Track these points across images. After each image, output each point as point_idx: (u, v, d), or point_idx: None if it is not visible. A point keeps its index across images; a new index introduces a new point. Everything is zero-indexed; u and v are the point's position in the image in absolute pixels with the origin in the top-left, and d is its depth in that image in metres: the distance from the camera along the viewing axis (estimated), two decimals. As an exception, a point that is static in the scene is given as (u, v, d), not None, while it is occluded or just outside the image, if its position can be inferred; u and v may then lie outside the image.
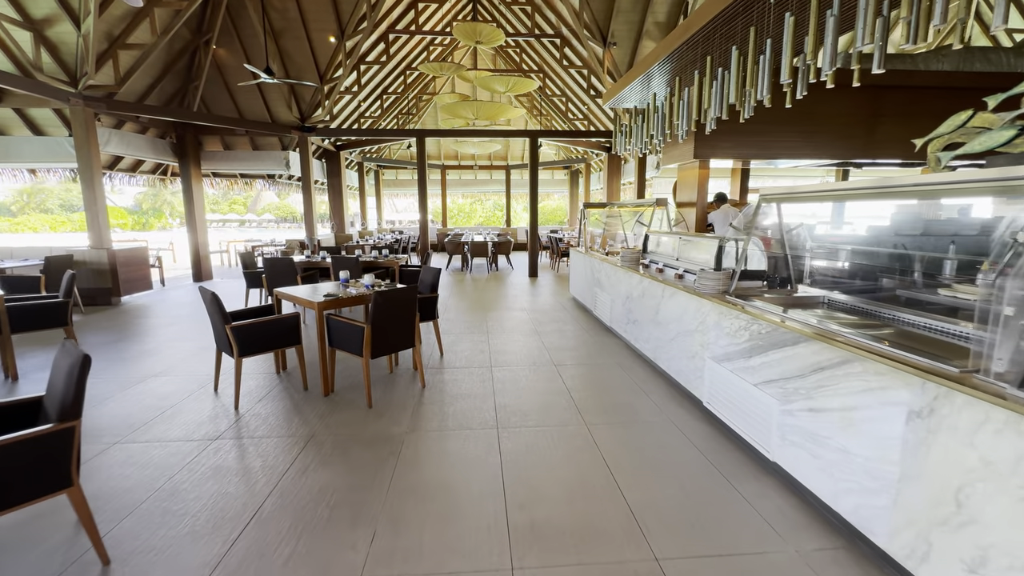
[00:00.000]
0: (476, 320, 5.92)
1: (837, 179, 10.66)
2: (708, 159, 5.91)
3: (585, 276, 6.33)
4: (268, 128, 8.71)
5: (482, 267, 11.39)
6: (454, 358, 4.39)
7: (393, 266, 6.23)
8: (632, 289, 4.47)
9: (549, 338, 5.07)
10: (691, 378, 3.27)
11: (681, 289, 3.39)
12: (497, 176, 17.34)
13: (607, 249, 6.48)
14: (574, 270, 7.03)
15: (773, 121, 5.77)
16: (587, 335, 5.18)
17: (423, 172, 9.38)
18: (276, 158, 9.54)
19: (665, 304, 3.70)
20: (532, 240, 9.82)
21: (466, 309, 6.59)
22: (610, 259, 5.36)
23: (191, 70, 8.06)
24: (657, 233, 4.58)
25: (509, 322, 5.82)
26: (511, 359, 4.36)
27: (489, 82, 7.88)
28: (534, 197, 9.63)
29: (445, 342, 4.91)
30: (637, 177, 9.95)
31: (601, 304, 5.56)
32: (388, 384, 3.72)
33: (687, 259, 3.90)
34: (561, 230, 15.76)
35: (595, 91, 9.73)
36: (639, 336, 4.31)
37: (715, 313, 2.96)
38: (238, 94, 8.73)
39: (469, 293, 7.88)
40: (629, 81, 5.63)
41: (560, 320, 5.90)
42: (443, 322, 5.82)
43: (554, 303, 7.01)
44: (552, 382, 3.78)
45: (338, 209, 11.63)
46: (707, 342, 3.04)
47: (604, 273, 5.44)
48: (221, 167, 9.71)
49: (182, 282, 9.30)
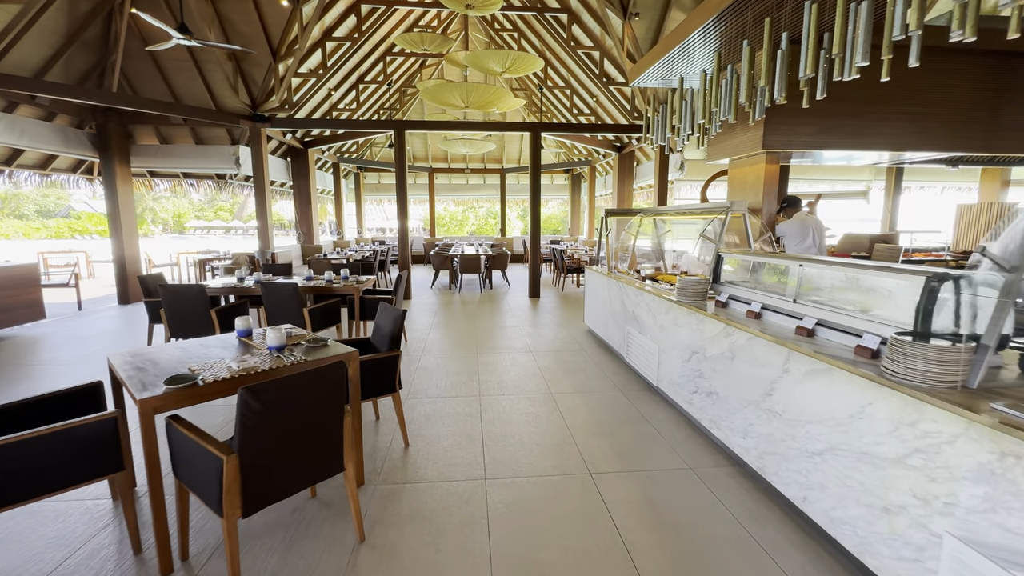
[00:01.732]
0: (463, 368, 4.29)
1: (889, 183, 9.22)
2: (779, 151, 4.37)
3: (609, 305, 4.73)
4: (210, 116, 7.07)
5: (474, 283, 9.77)
6: (425, 454, 2.75)
7: (352, 294, 4.58)
8: (704, 341, 2.87)
9: (571, 407, 3.45)
10: (885, 548, 1.67)
11: (840, 366, 1.80)
12: (491, 180, 15.78)
13: (637, 269, 4.89)
14: (592, 294, 5.44)
15: (864, 100, 4.25)
16: (625, 401, 3.56)
17: (402, 173, 7.78)
18: (224, 154, 7.89)
19: (795, 385, 2.11)
20: (533, 252, 8.22)
21: (451, 349, 4.95)
22: (653, 288, 3.77)
23: (107, 41, 6.41)
24: (742, 255, 2.98)
25: (509, 372, 4.20)
26: (518, 459, 2.73)
27: (483, 60, 6.31)
28: (536, 202, 8.05)
29: (417, 414, 3.27)
30: (658, 179, 8.42)
31: (639, 349, 3.95)
32: (298, 532, 2.07)
33: (817, 300, 2.31)
34: (562, 240, 14.22)
35: (608, 78, 8.21)
36: (721, 419, 2.70)
37: (970, 440, 1.37)
38: (172, 74, 7.08)
39: (457, 323, 6.25)
40: (677, 42, 4.07)
41: (580, 370, 4.29)
42: (419, 370, 4.18)
43: (566, 338, 5.39)
44: (594, 521, 2.15)
45: (306, 216, 9.98)
46: (944, 497, 1.45)
47: (644, 307, 3.84)
48: (158, 165, 8.03)
49: (106, 304, 7.58)
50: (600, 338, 5.18)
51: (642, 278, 4.31)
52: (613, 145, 10.44)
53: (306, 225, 10.05)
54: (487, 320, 6.36)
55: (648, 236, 5.19)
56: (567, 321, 6.28)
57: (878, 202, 9.64)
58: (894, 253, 5.33)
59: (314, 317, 4.16)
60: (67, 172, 7.90)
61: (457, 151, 11.05)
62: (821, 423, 1.95)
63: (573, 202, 15.76)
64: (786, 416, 2.15)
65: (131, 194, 7.60)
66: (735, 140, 4.74)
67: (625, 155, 10.42)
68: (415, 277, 11.07)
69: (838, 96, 4.25)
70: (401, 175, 7.77)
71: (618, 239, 6.05)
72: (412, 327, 5.95)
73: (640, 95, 7.59)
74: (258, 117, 7.37)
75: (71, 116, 7.00)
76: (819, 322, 2.21)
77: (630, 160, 10.52)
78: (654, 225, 4.96)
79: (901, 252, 5.18)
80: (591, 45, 7.91)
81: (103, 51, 6.48)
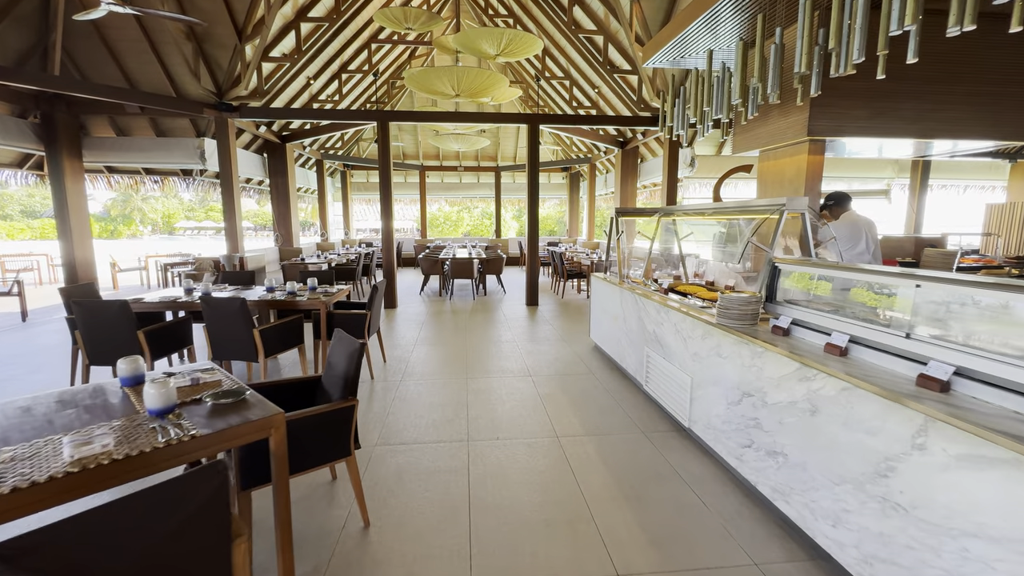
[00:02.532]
0: (449, 399, 3.55)
1: (913, 180, 8.57)
2: (825, 138, 3.67)
3: (623, 322, 4.01)
4: (170, 105, 6.29)
5: (466, 289, 9.04)
6: (391, 540, 2.02)
7: (318, 309, 3.84)
8: (763, 382, 2.17)
9: (582, 458, 2.73)
10: None
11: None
12: (485, 179, 15.05)
13: (655, 279, 4.18)
14: (600, 307, 4.73)
15: (922, 79, 3.57)
16: (651, 449, 2.85)
17: (387, 168, 7.04)
18: (188, 147, 7.11)
19: (938, 473, 1.40)
20: (531, 256, 7.50)
21: (436, 371, 4.22)
22: (680, 303, 3.06)
23: (47, 16, 5.63)
24: (817, 267, 2.26)
25: (505, 404, 3.47)
26: (517, 546, 2.00)
27: (475, 40, 5.59)
28: (534, 201, 7.33)
29: (386, 470, 2.54)
30: (666, 176, 7.72)
31: (663, 379, 3.24)
32: None
33: (944, 335, 1.61)
34: (561, 242, 13.52)
35: (612, 66, 7.51)
36: (792, 491, 1.99)
37: None
38: (125, 56, 6.30)
39: (446, 337, 5.52)
40: (703, 9, 3.36)
41: (589, 400, 3.57)
42: (396, 402, 3.44)
43: (570, 357, 4.67)
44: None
45: (284, 216, 9.20)
46: None
47: (671, 328, 3.13)
48: (115, 159, 7.24)
49: (53, 315, 6.79)
50: (610, 357, 4.47)
51: (663, 290, 3.60)
52: (616, 140, 9.74)
53: (284, 226, 9.27)
54: (480, 334, 5.63)
55: (659, 239, 4.49)
56: (570, 335, 5.56)
57: (900, 201, 9.01)
58: (947, 259, 4.66)
59: (268, 340, 3.42)
60: (11, 167, 7.10)
61: (449, 147, 10.31)
62: (997, 543, 1.24)
63: (571, 202, 15.06)
64: (918, 515, 1.44)
65: (83, 191, 6.81)
66: (769, 128, 4.05)
67: (628, 151, 9.72)
68: (405, 281, 10.33)
69: (893, 75, 3.57)
70: (385, 171, 7.03)
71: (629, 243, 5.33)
72: (394, 343, 5.21)
73: (649, 84, 6.89)
74: (224, 106, 6.61)
75: (10, 104, 6.20)
76: (959, 370, 1.51)
77: (634, 157, 9.82)
78: (674, 227, 4.25)
79: (957, 257, 4.51)
80: (594, 29, 7.21)
81: (43, 28, 5.70)
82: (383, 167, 7.02)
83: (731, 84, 3.50)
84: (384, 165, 7.02)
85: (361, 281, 8.84)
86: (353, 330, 3.95)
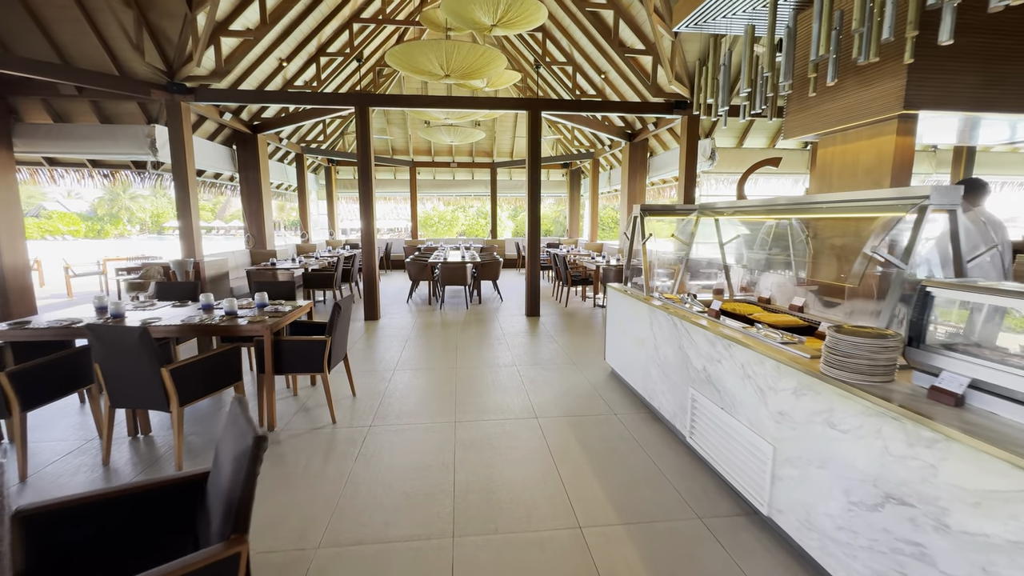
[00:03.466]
0: (431, 458, 2.66)
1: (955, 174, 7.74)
2: (923, 111, 2.81)
3: (654, 349, 3.14)
4: (111, 84, 5.36)
5: (459, 296, 8.15)
6: None
7: (261, 336, 2.93)
8: (934, 489, 1.30)
9: (623, 568, 1.86)
10: None
11: None
12: (480, 176, 14.15)
13: (693, 294, 3.32)
14: (618, 326, 3.86)
15: None
16: (718, 551, 1.97)
17: (366, 160, 6.14)
18: (136, 135, 6.17)
19: None
20: (531, 260, 6.62)
21: (416, 411, 3.33)
22: (744, 334, 2.20)
23: (-47, -24, 4.69)
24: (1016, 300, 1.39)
25: (504, 466, 2.59)
26: None
27: (467, 5, 4.70)
28: (535, 198, 6.45)
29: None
30: (684, 171, 6.85)
31: (720, 436, 2.37)
32: None
33: None
34: (561, 243, 12.66)
35: (622, 45, 6.64)
36: None
37: None
38: (55, 27, 5.35)
39: (433, 360, 4.63)
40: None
41: (616, 458, 2.69)
42: (360, 461, 2.54)
43: (583, 388, 3.80)
44: None
45: (256, 215, 8.27)
46: None
47: (735, 367, 2.26)
48: (54, 149, 6.29)
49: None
50: (632, 389, 3.61)
51: (713, 312, 2.73)
52: (623, 132, 8.88)
53: (257, 226, 8.33)
54: (473, 354, 4.74)
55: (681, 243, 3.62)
56: (581, 356, 4.69)
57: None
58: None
59: (184, 381, 2.51)
60: (-70, 158, 6.12)
61: (442, 141, 9.41)
62: None
63: (572, 200, 14.18)
64: None
65: (14, 185, 5.85)
66: (839, 103, 3.19)
67: (637, 144, 8.86)
68: (393, 286, 9.43)
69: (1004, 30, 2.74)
70: (365, 164, 6.13)
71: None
72: (371, 366, 4.32)
73: (668, 65, 6.02)
74: (176, 87, 5.68)
75: (-81, 82, 5.25)
76: None
77: (643, 150, 8.96)
78: (716, 229, 3.38)
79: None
80: (603, 2, 6.34)
81: (-51, -10, 4.75)
82: (362, 159, 6.12)
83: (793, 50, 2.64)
84: (363, 157, 6.12)
85: (341, 289, 7.93)
86: (310, 362, 3.06)
